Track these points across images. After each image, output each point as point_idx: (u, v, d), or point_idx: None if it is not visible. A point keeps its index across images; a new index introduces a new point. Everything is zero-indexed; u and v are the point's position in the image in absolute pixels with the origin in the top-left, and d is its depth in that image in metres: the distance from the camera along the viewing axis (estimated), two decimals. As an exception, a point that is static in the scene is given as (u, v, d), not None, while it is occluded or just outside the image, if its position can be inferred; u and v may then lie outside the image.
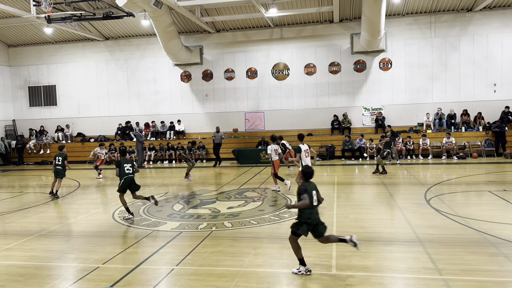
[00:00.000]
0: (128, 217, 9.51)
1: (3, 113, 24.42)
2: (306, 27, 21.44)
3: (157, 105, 23.26)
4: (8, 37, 23.92)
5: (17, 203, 12.06)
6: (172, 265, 6.50)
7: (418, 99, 20.71)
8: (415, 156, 19.62)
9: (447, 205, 9.89)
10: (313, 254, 6.69)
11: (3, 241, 8.17)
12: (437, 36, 20.30)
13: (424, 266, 6.06)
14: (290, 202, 10.78)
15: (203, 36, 22.46)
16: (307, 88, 21.75)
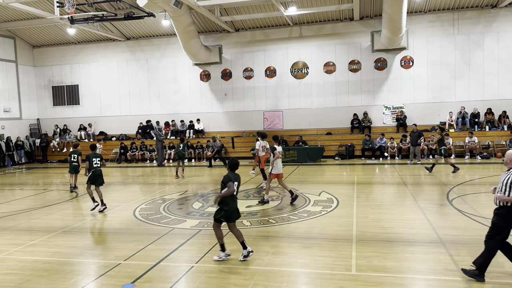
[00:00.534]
0: (93, 206, 10.43)
1: (28, 112, 25.06)
2: (325, 25, 21.29)
3: (177, 104, 23.49)
4: (33, 38, 24.52)
5: (41, 200, 12.37)
6: (192, 262, 6.56)
7: (441, 97, 20.32)
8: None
9: (470, 205, 9.68)
10: (333, 254, 6.66)
11: (28, 237, 8.40)
12: (460, 34, 19.87)
13: (446, 268, 5.95)
14: (309, 201, 10.74)
15: (222, 35, 22.55)
16: (326, 86, 21.61)
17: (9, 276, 6.25)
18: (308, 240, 7.51)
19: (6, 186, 16.15)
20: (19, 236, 8.53)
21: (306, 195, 11.49)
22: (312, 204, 10.41)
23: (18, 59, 24.28)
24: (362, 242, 7.21)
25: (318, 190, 12.22)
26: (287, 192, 10.94)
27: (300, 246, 7.16)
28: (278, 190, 12.46)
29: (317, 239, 7.55)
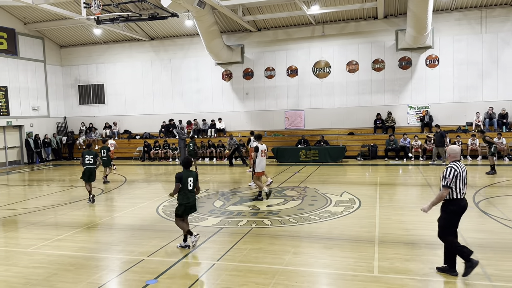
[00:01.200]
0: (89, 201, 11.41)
1: (55, 110, 25.74)
2: (349, 23, 21.09)
3: (199, 103, 23.70)
4: (60, 38, 25.17)
5: (68, 197, 12.70)
6: (213, 260, 6.63)
7: (467, 97, 19.85)
8: (463, 157, 18.84)
9: (497, 208, 9.44)
10: (355, 256, 6.61)
11: (55, 232, 8.65)
12: (488, 32, 19.34)
13: (472, 272, 5.81)
14: (330, 202, 10.68)
15: (244, 35, 22.62)
16: (349, 86, 21.40)
17: (38, 269, 6.46)
18: (330, 240, 7.47)
19: (34, 182, 16.65)
20: (46, 231, 8.79)
21: (328, 196, 11.42)
22: (333, 204, 10.35)
23: (46, 59, 24.97)
24: (384, 244, 7.12)
25: (340, 190, 12.12)
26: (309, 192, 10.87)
27: (322, 247, 7.13)
28: (299, 190, 12.43)
29: (338, 240, 7.51)
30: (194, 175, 7.21)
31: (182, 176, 7.03)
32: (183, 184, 7.06)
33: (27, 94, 23.66)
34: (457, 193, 5.58)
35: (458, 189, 5.58)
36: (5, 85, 22.34)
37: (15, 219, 10.01)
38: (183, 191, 7.08)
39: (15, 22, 22.93)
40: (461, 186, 5.60)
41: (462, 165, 5.74)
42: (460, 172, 5.58)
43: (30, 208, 11.21)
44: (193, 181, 7.13)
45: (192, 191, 7.16)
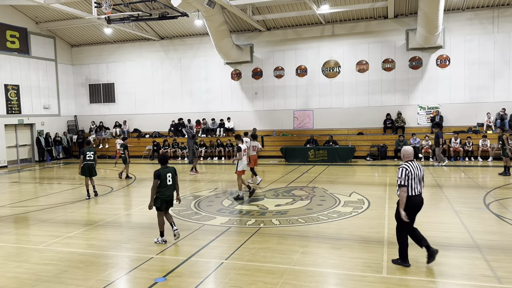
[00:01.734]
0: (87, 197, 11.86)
1: (66, 109, 26.00)
2: (359, 23, 20.98)
3: (208, 102, 23.77)
4: (72, 38, 25.40)
5: (78, 194, 12.82)
6: (222, 259, 6.64)
7: (478, 98, 19.63)
8: (473, 158, 18.65)
9: (508, 210, 9.33)
10: (364, 256, 6.58)
11: (65, 229, 8.73)
12: (500, 32, 19.11)
13: (482, 273, 5.77)
14: (339, 202, 10.64)
15: (253, 34, 22.62)
16: (358, 85, 21.30)
17: (48, 266, 6.53)
18: (338, 240, 7.45)
19: (44, 180, 16.84)
20: (56, 228, 8.88)
21: (336, 196, 11.38)
22: (342, 204, 10.31)
23: (57, 58, 25.22)
24: (393, 245, 7.06)
25: (349, 191, 12.08)
26: (317, 192, 10.89)
27: (330, 247, 7.11)
28: (308, 190, 12.41)
29: (347, 240, 7.48)
30: (172, 170, 7.64)
31: (160, 173, 7.43)
32: (163, 180, 7.46)
33: (38, 93, 23.92)
34: (410, 190, 5.87)
35: (410, 187, 5.87)
36: (17, 83, 22.62)
37: (26, 216, 10.14)
38: (163, 186, 7.47)
39: (27, 21, 23.19)
40: (413, 184, 5.88)
41: (416, 164, 5.99)
42: (411, 171, 5.87)
43: (40, 205, 11.34)
44: (171, 176, 7.57)
45: (171, 186, 7.57)
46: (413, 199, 5.89)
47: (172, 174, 7.62)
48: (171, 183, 7.56)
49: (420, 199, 5.99)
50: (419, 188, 5.96)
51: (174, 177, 7.63)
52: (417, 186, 5.92)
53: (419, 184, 5.94)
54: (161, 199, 7.47)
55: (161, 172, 7.45)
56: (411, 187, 5.87)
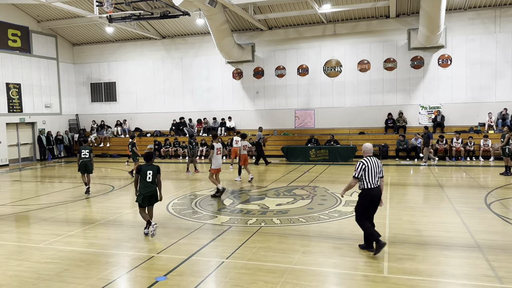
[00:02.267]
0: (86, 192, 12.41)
1: (67, 108, 26.03)
2: (360, 22, 20.94)
3: (209, 101, 23.77)
4: (73, 36, 25.42)
5: (79, 193, 12.82)
6: (222, 258, 6.65)
7: (480, 97, 19.60)
8: (475, 157, 18.62)
9: (509, 210, 9.32)
10: (365, 256, 6.58)
11: (67, 228, 8.75)
12: (503, 31, 19.07)
13: (483, 273, 5.76)
14: (340, 201, 10.63)
15: (255, 33, 22.61)
16: (360, 85, 21.27)
17: (49, 265, 6.54)
18: (339, 240, 7.45)
19: (46, 178, 16.86)
20: (58, 227, 8.90)
21: (337, 195, 11.37)
22: (343, 204, 10.31)
23: (59, 57, 25.25)
24: (394, 244, 7.08)
25: (350, 190, 12.04)
26: (318, 191, 10.92)
27: (331, 246, 7.11)
28: (309, 189, 12.40)
29: (348, 240, 7.48)
30: (154, 168, 7.89)
31: (142, 168, 7.81)
32: (142, 176, 7.78)
33: (40, 92, 23.96)
34: (367, 183, 6.52)
35: (367, 180, 6.51)
36: (19, 82, 22.65)
37: (27, 215, 10.15)
38: (143, 182, 7.78)
39: (28, 20, 23.22)
40: (370, 177, 6.51)
41: (374, 160, 6.65)
42: (368, 166, 6.51)
43: (42, 204, 11.36)
44: (152, 174, 7.82)
45: (152, 183, 7.83)
46: (370, 190, 6.52)
47: (154, 172, 7.84)
48: (150, 180, 7.79)
49: (377, 190, 6.57)
50: (376, 181, 6.54)
51: (155, 175, 7.85)
52: (374, 179, 6.53)
53: (376, 177, 6.54)
54: (142, 195, 7.78)
55: (142, 168, 7.80)
56: (369, 180, 6.50)
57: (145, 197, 7.79)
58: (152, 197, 7.88)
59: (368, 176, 6.51)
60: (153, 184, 7.84)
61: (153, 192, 7.85)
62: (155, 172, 7.86)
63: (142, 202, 7.83)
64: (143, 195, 7.77)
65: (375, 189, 6.54)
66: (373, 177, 6.52)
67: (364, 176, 6.52)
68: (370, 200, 6.57)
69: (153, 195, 7.86)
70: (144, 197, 7.78)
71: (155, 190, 7.88)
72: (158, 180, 7.93)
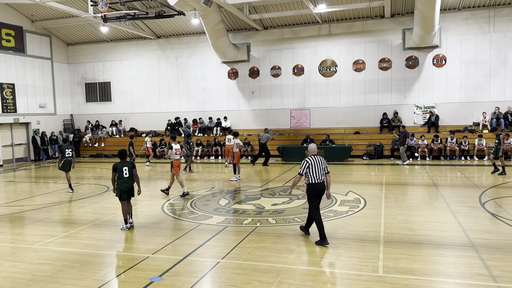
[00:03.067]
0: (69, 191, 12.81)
1: (62, 108, 25.89)
2: (355, 22, 20.99)
3: (204, 101, 23.74)
4: (68, 36, 25.29)
5: (74, 194, 12.76)
6: (218, 258, 6.64)
7: (474, 97, 19.70)
8: (469, 157, 18.71)
9: (503, 209, 9.37)
10: (360, 255, 6.59)
11: (61, 229, 8.70)
12: (497, 31, 19.17)
13: (478, 272, 5.79)
14: (335, 201, 10.65)
15: (250, 33, 22.60)
16: (355, 85, 21.32)
17: (43, 266, 6.50)
18: (335, 240, 7.45)
19: (40, 179, 16.77)
20: (52, 227, 8.85)
21: (333, 195, 11.38)
22: (338, 204, 10.33)
23: (53, 57, 25.11)
24: (390, 244, 7.10)
25: (345, 190, 12.09)
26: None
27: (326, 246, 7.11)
28: (304, 189, 12.39)
29: (343, 239, 7.49)
30: (129, 165, 8.48)
31: (117, 166, 8.35)
32: (119, 173, 8.35)
33: (34, 92, 23.82)
34: (311, 179, 7.20)
35: (311, 176, 7.19)
36: (13, 82, 22.51)
37: (21, 215, 10.09)
38: (120, 178, 8.36)
39: (22, 19, 23.08)
40: (314, 174, 7.19)
41: (318, 158, 7.33)
42: (311, 163, 7.21)
43: (36, 204, 11.29)
44: (128, 170, 8.41)
45: (129, 178, 8.42)
46: (315, 185, 7.22)
47: (129, 168, 8.44)
48: (127, 176, 8.39)
49: (321, 186, 7.27)
50: (320, 177, 7.23)
51: (131, 170, 8.44)
52: (318, 175, 7.22)
53: (320, 174, 7.23)
54: (120, 189, 8.36)
55: (117, 166, 8.36)
56: (313, 176, 7.20)
57: (123, 191, 8.37)
58: (130, 191, 8.49)
59: (312, 173, 7.20)
60: (130, 179, 8.43)
61: (130, 187, 8.47)
62: (131, 168, 8.45)
63: (121, 196, 8.37)
64: (121, 190, 8.35)
65: (320, 184, 7.24)
66: (317, 173, 7.21)
67: (309, 173, 7.20)
68: (315, 193, 7.27)
69: (130, 189, 8.48)
70: (123, 191, 8.36)
71: (132, 185, 8.50)
72: (135, 174, 8.50)
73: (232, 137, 15.18)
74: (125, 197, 8.44)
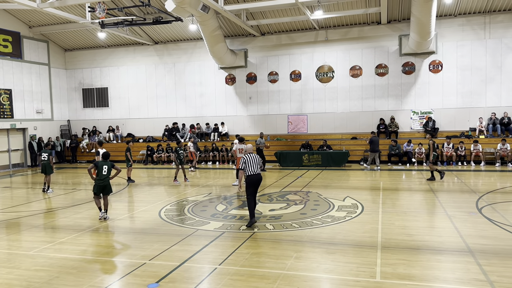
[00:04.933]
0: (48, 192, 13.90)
1: (59, 113, 25.85)
2: (352, 28, 21.12)
3: (202, 107, 23.76)
4: (65, 42, 25.32)
5: (70, 200, 12.72)
6: (215, 264, 6.61)
7: (471, 103, 19.81)
8: (466, 162, 18.77)
9: (500, 214, 9.39)
10: (357, 261, 6.58)
11: (58, 235, 8.66)
12: (492, 37, 19.33)
13: (475, 278, 5.79)
14: (333, 206, 10.65)
15: (248, 39, 22.68)
16: (352, 90, 21.40)
17: (39, 272, 6.46)
18: (332, 245, 7.45)
19: (37, 185, 16.69)
20: (49, 233, 8.80)
21: (330, 200, 11.39)
22: (336, 209, 10.32)
23: (50, 62, 25.12)
24: (387, 249, 7.10)
25: (343, 195, 12.10)
26: (311, 197, 10.95)
27: (324, 251, 7.11)
28: (302, 195, 12.41)
29: (341, 245, 7.48)
30: (109, 164, 9.64)
31: (98, 164, 9.54)
32: (99, 170, 9.49)
33: (31, 97, 23.79)
34: (249, 171, 8.83)
35: (248, 169, 8.82)
36: (10, 88, 22.48)
37: (18, 221, 10.03)
38: (99, 175, 9.48)
39: (20, 25, 23.10)
40: (251, 167, 8.82)
41: (252, 155, 9.00)
42: (248, 160, 8.88)
43: (33, 210, 11.23)
44: (107, 169, 9.57)
45: (106, 176, 9.54)
46: (252, 176, 8.82)
47: (108, 167, 9.62)
48: (105, 173, 9.52)
49: (257, 177, 8.87)
50: (255, 169, 8.84)
51: (110, 169, 9.62)
52: (254, 168, 8.83)
53: (255, 167, 8.85)
54: (97, 185, 9.50)
55: (98, 164, 9.53)
56: (249, 169, 8.81)
57: (99, 187, 9.49)
58: (105, 188, 9.59)
59: (249, 167, 8.83)
60: (107, 177, 9.56)
61: (106, 183, 9.58)
62: (110, 167, 9.61)
63: (97, 191, 9.54)
64: (97, 185, 9.48)
65: (255, 175, 8.85)
66: (253, 167, 8.85)
67: (246, 167, 8.82)
68: (251, 183, 8.84)
69: (106, 186, 9.58)
70: (98, 187, 9.49)
71: (108, 182, 9.64)
72: (116, 168, 9.69)
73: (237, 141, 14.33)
74: (99, 192, 9.55)
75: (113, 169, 9.67)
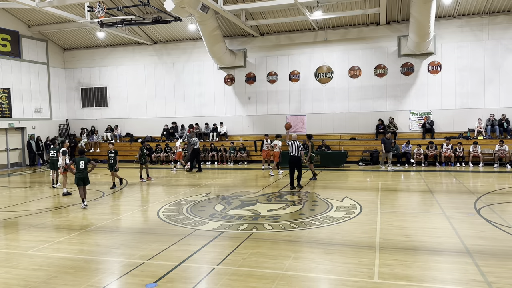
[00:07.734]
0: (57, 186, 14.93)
1: (57, 113, 25.81)
2: (351, 29, 21.13)
3: (201, 107, 23.75)
4: (64, 41, 25.28)
5: (68, 199, 12.70)
6: (213, 264, 6.61)
7: (469, 103, 19.83)
8: (464, 163, 18.79)
9: (498, 215, 9.40)
10: (356, 261, 6.59)
11: (55, 235, 8.64)
12: (491, 39, 19.36)
13: (473, 279, 5.80)
14: (331, 207, 10.66)
15: (247, 39, 22.68)
16: (351, 91, 21.41)
17: (37, 272, 6.45)
18: (330, 246, 7.45)
19: (35, 184, 16.68)
20: (47, 233, 8.79)
21: (329, 201, 11.39)
22: (334, 209, 10.33)
23: (49, 62, 25.07)
24: (385, 250, 7.10)
25: (341, 195, 12.11)
26: (310, 197, 10.97)
27: (322, 252, 7.11)
28: (300, 195, 12.41)
29: (339, 245, 7.48)
30: (85, 159, 11.21)
31: (75, 160, 11.16)
32: (77, 164, 11.06)
33: (29, 96, 23.75)
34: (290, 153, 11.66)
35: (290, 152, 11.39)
36: (8, 87, 22.44)
37: (16, 221, 10.02)
38: (77, 169, 11.02)
39: (19, 24, 23.06)
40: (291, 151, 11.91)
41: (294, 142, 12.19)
42: (290, 145, 11.76)
43: (31, 210, 11.22)
44: (84, 163, 11.09)
45: (83, 169, 11.05)
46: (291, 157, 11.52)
47: (85, 161, 11.15)
48: (82, 167, 11.04)
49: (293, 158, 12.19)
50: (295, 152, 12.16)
51: (86, 163, 11.14)
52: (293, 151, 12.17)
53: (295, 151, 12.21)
54: (77, 177, 10.98)
55: (76, 160, 11.15)
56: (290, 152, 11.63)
57: (80, 179, 10.98)
58: (84, 179, 11.06)
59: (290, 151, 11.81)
60: (84, 170, 11.05)
61: (84, 176, 11.06)
62: (86, 162, 11.14)
63: (78, 183, 11.00)
64: (78, 178, 10.98)
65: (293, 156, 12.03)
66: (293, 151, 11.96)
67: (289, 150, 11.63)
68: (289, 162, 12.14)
69: (84, 178, 11.05)
70: (78, 179, 10.98)
71: (86, 175, 11.09)
72: (92, 164, 11.31)
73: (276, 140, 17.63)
74: (81, 184, 10.99)
75: (89, 163, 11.22)
